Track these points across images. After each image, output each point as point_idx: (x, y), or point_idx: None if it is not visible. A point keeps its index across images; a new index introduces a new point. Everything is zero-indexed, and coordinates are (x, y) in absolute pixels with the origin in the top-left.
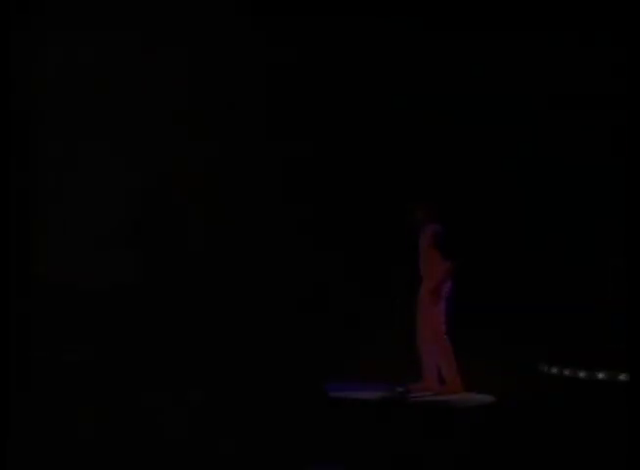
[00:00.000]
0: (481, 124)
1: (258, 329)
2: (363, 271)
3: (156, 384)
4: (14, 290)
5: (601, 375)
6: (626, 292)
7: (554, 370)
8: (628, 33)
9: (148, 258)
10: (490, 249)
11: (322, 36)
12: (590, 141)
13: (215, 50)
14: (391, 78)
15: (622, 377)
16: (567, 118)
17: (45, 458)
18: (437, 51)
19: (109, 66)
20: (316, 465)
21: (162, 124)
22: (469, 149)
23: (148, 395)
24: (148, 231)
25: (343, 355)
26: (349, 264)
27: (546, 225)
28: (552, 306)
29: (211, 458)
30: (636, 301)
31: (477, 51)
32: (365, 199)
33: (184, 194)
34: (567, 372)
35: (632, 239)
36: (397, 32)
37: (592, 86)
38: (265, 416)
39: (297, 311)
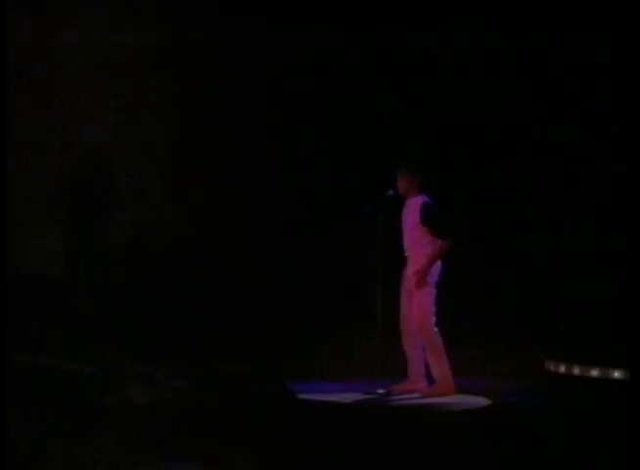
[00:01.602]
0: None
1: (220, 327)
2: (337, 257)
3: (103, 384)
4: None
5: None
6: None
7: (560, 368)
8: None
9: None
10: (486, 225)
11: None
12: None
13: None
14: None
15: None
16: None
17: None
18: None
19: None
20: None
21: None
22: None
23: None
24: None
25: (314, 351)
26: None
27: (545, 203)
28: (551, 296)
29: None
30: (636, 300)
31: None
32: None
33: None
34: (575, 371)
35: (632, 235)
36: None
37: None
38: (229, 418)
39: (263, 305)
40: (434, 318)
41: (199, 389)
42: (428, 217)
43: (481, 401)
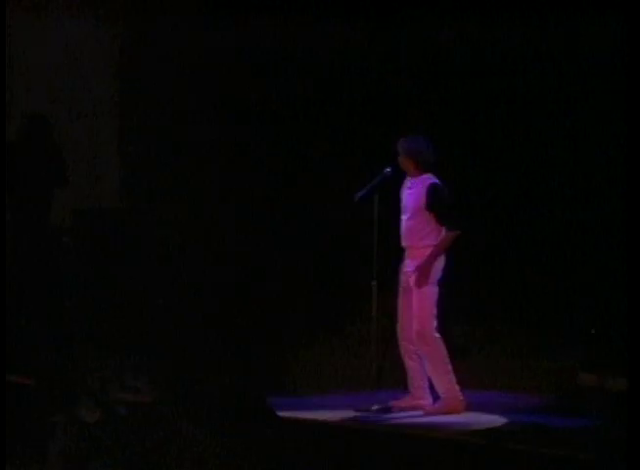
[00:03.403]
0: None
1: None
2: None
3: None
4: None
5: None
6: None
7: (592, 381)
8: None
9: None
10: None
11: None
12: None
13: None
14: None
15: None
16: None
17: None
18: None
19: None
20: None
21: None
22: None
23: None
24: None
25: (298, 360)
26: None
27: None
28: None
29: None
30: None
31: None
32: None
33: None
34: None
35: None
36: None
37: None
38: (194, 441)
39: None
40: (435, 323)
41: (159, 404)
42: (436, 201)
43: (497, 421)
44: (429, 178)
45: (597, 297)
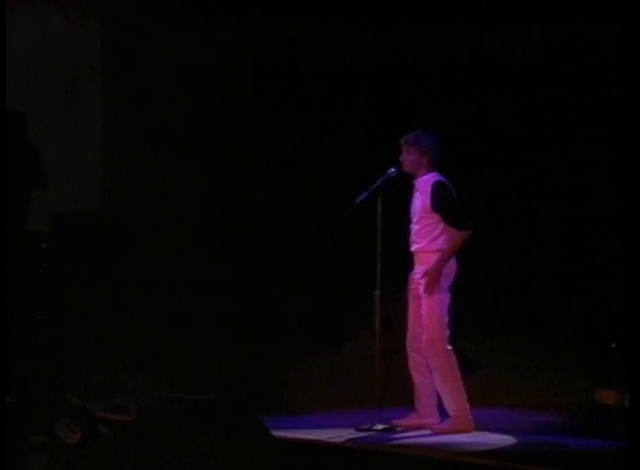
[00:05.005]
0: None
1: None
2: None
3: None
4: None
5: None
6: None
7: (610, 398)
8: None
9: None
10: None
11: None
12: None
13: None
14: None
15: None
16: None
17: None
18: None
19: None
20: None
21: None
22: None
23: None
24: None
25: (296, 375)
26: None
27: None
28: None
29: None
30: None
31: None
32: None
33: None
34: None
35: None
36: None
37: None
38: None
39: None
40: (446, 333)
41: (145, 423)
42: (440, 200)
43: (508, 441)
44: (434, 177)
45: (617, 308)
